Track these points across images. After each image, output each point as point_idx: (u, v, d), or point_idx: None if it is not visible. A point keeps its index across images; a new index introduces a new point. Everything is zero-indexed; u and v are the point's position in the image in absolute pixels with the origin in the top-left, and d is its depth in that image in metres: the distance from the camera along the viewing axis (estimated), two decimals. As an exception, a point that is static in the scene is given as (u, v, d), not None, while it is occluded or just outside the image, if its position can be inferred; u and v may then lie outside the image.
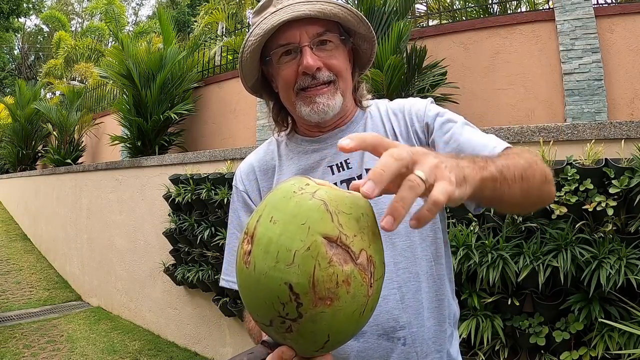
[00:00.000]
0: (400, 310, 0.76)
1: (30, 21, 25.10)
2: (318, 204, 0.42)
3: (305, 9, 0.75)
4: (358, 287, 0.42)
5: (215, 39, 6.51)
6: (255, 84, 0.88)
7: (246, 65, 0.82)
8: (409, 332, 0.76)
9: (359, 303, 0.43)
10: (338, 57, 0.81)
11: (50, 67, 13.91)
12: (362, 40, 0.85)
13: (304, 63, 0.76)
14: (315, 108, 0.79)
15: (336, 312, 0.41)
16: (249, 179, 0.91)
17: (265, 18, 0.78)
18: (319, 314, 0.41)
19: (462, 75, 3.56)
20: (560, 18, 3.23)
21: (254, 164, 0.92)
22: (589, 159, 1.83)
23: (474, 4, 4.53)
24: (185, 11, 19.12)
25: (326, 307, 0.41)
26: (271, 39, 0.79)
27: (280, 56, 0.79)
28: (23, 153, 8.68)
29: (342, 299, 0.41)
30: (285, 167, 0.88)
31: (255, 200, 0.89)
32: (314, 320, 0.41)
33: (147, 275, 4.18)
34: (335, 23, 0.80)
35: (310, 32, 0.77)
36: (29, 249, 6.97)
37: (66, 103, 7.73)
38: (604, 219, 1.78)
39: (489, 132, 2.21)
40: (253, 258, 0.43)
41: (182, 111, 5.05)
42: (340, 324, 0.43)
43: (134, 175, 4.44)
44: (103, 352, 3.50)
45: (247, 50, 0.80)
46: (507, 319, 1.97)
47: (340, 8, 0.78)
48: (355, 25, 0.82)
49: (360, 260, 0.42)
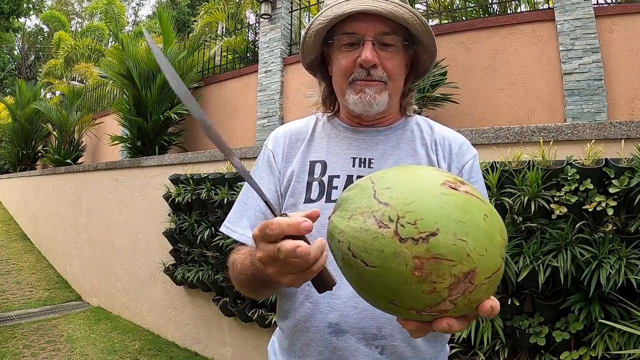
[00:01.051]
0: (385, 319, 0.75)
1: (30, 21, 25.13)
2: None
3: (378, 5, 0.77)
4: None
5: (215, 39, 6.51)
6: (312, 62, 0.90)
7: (309, 43, 0.84)
8: (389, 342, 0.75)
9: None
10: (395, 60, 0.82)
11: (50, 67, 13.90)
12: (423, 50, 0.86)
13: (363, 56, 0.77)
14: (363, 98, 0.80)
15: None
16: (279, 142, 0.91)
17: (339, 3, 0.79)
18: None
19: (462, 75, 3.56)
20: (560, 18, 3.23)
21: (290, 131, 0.93)
22: (589, 159, 1.82)
23: (474, 4, 4.54)
24: (185, 11, 19.12)
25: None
26: (338, 24, 0.81)
27: (343, 44, 0.81)
28: (23, 153, 8.68)
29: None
30: (314, 143, 0.89)
31: (278, 163, 0.89)
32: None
33: (147, 275, 4.18)
34: (402, 27, 0.81)
35: (377, 29, 0.79)
36: (29, 249, 6.96)
37: (66, 103, 7.74)
38: (604, 219, 1.78)
39: (489, 132, 2.22)
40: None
41: (182, 111, 5.05)
42: None
43: (134, 175, 4.44)
44: (103, 352, 3.50)
45: (313, 28, 0.82)
46: (507, 319, 1.97)
47: (411, 14, 0.79)
48: (421, 34, 0.82)
49: None
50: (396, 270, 0.42)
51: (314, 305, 0.78)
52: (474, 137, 2.24)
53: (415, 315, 0.45)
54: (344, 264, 0.47)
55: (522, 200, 1.86)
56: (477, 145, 2.22)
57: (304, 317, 0.78)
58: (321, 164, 0.85)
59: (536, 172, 1.84)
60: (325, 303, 0.77)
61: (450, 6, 4.74)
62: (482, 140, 2.21)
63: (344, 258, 0.45)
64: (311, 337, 0.77)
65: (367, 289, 0.44)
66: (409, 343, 0.76)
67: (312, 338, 0.77)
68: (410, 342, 0.76)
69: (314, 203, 0.81)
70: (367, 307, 0.74)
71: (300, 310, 0.79)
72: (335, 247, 0.48)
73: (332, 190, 0.82)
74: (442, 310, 0.44)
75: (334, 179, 0.82)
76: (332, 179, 0.83)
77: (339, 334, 0.75)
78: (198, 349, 3.57)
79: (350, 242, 0.45)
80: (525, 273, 1.81)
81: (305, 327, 0.78)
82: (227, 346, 3.34)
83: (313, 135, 0.91)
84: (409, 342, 0.76)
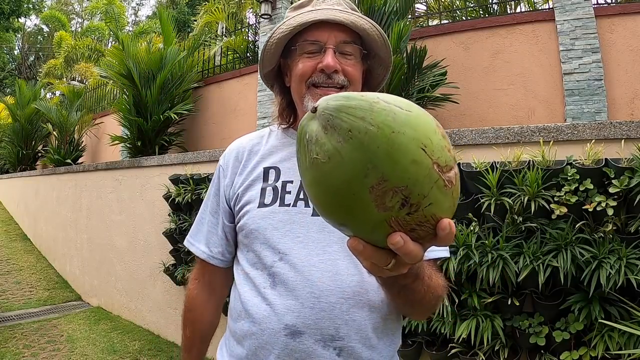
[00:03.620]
0: (343, 321, 0.75)
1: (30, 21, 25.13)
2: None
3: (341, 16, 0.81)
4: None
5: (215, 38, 6.51)
6: (269, 73, 0.92)
7: (269, 51, 0.86)
8: (346, 344, 0.75)
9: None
10: (355, 67, 0.84)
11: (50, 67, 13.92)
12: (378, 64, 0.90)
13: (325, 62, 0.80)
14: None
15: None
16: (231, 157, 0.94)
17: (301, 14, 0.83)
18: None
19: (462, 75, 3.56)
20: (560, 18, 3.23)
21: (242, 143, 0.95)
22: (589, 159, 1.82)
23: (474, 4, 4.54)
24: (185, 11, 19.12)
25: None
26: (300, 34, 0.83)
27: (305, 51, 0.83)
28: (23, 153, 8.68)
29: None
30: (268, 152, 0.91)
31: (227, 177, 0.92)
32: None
33: (147, 275, 4.18)
34: (360, 38, 0.84)
35: (339, 37, 0.82)
36: (29, 249, 6.96)
37: (66, 103, 7.74)
38: (604, 219, 1.78)
39: (489, 132, 2.23)
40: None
41: (182, 111, 5.05)
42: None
43: (134, 175, 4.44)
44: (103, 352, 3.50)
45: (275, 37, 0.84)
46: (507, 319, 1.97)
47: (371, 26, 0.83)
48: (379, 47, 0.85)
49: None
50: (427, 117, 0.44)
51: (270, 307, 0.77)
52: (474, 137, 2.24)
53: (430, 173, 0.42)
54: (371, 112, 0.42)
55: (522, 200, 1.86)
56: (477, 145, 2.22)
57: (258, 319, 0.77)
58: (275, 170, 0.87)
59: (536, 172, 1.84)
60: (282, 305, 0.76)
61: (450, 6, 4.74)
62: (482, 140, 2.21)
63: (372, 107, 0.42)
64: (267, 340, 0.76)
65: (402, 131, 0.41)
66: (365, 344, 0.76)
67: (268, 341, 0.76)
68: (366, 342, 0.76)
69: (268, 207, 0.82)
70: (324, 307, 0.74)
71: (256, 312, 0.78)
72: (344, 109, 0.43)
73: (286, 195, 0.83)
74: (450, 179, 0.43)
75: (288, 184, 0.84)
76: (286, 184, 0.84)
77: (296, 336, 0.74)
78: (198, 349, 3.57)
79: (378, 95, 0.44)
80: (525, 273, 1.81)
81: (260, 329, 0.77)
82: (227, 346, 3.34)
83: (267, 146, 0.92)
84: (365, 342, 0.76)
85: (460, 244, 1.96)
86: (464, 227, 2.03)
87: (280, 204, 0.82)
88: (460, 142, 2.27)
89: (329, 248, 0.78)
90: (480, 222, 2.06)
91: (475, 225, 2.03)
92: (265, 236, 0.80)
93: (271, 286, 0.78)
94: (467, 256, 1.93)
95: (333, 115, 0.42)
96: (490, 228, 2.03)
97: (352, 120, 0.41)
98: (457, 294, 2.01)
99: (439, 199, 0.43)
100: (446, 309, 1.97)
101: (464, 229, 2.01)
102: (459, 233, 1.99)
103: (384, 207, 0.41)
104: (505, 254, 1.87)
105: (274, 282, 0.78)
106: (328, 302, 0.74)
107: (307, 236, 0.79)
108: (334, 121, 0.42)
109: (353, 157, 0.41)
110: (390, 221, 0.42)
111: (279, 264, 0.78)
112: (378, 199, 0.41)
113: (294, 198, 0.82)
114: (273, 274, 0.78)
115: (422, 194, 0.41)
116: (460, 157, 2.19)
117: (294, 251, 0.78)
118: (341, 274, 0.76)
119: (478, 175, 2.01)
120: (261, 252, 0.81)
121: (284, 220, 0.80)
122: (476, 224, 2.04)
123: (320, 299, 0.74)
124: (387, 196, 0.41)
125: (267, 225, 0.81)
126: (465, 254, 1.93)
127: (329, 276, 0.75)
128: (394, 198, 0.41)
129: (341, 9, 0.84)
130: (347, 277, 0.76)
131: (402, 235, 0.42)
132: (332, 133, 0.42)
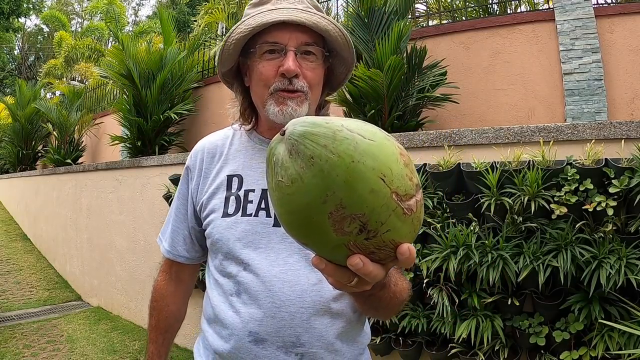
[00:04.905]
0: (303, 329, 0.77)
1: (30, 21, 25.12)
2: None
3: (302, 16, 0.78)
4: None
5: (215, 39, 6.51)
6: (227, 73, 0.90)
7: (228, 51, 0.84)
8: (307, 350, 0.78)
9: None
10: (317, 70, 0.83)
11: (50, 67, 13.92)
12: (340, 63, 0.88)
13: (286, 66, 0.78)
14: (284, 110, 0.80)
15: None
16: (197, 158, 0.94)
17: (261, 13, 0.80)
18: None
19: (462, 75, 3.56)
20: (560, 18, 3.23)
21: (206, 146, 0.95)
22: (589, 159, 1.82)
23: (474, 4, 4.53)
24: (185, 11, 19.13)
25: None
26: (260, 34, 0.80)
27: (264, 52, 0.81)
28: (23, 153, 8.67)
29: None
30: (231, 157, 0.91)
31: (194, 179, 0.93)
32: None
33: (147, 275, 4.17)
34: (322, 38, 0.83)
35: (300, 39, 0.80)
36: (29, 249, 6.96)
37: (66, 103, 7.73)
38: (604, 219, 1.78)
39: (489, 132, 2.23)
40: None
41: (182, 111, 5.05)
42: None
43: (134, 175, 4.44)
44: (103, 352, 3.50)
45: (234, 36, 0.82)
46: (507, 319, 1.97)
47: (334, 27, 0.81)
48: (341, 47, 0.84)
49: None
50: (389, 147, 0.45)
51: (236, 314, 0.80)
52: (474, 137, 2.23)
53: (388, 202, 0.43)
54: (333, 140, 0.43)
55: (522, 200, 1.86)
56: (477, 145, 2.22)
57: (227, 325, 0.81)
58: (238, 178, 0.87)
59: (536, 172, 1.84)
60: (247, 313, 0.79)
61: (450, 6, 4.74)
62: (482, 140, 2.21)
63: (336, 135, 0.43)
64: (234, 345, 0.80)
65: (362, 161, 0.42)
66: (327, 349, 0.79)
67: (235, 345, 0.79)
68: (329, 347, 0.79)
69: (231, 217, 0.84)
70: (284, 317, 0.77)
71: (224, 318, 0.82)
72: (309, 136, 0.44)
73: (248, 204, 0.84)
74: (410, 207, 0.45)
75: (250, 193, 0.85)
76: (248, 193, 0.85)
77: (259, 343, 0.78)
78: (198, 349, 3.58)
79: (342, 122, 0.45)
80: (525, 273, 1.81)
81: (229, 334, 0.81)
82: (227, 346, 3.34)
83: (230, 149, 0.92)
84: (327, 348, 0.79)
85: (460, 244, 1.96)
86: (464, 227, 2.03)
87: (242, 214, 0.83)
88: (460, 142, 2.26)
89: (289, 259, 0.80)
90: (480, 222, 2.06)
91: (475, 225, 2.03)
92: (228, 246, 0.82)
93: (236, 294, 0.81)
94: (467, 256, 1.93)
95: (298, 142, 0.44)
96: (490, 228, 2.03)
97: (315, 148, 0.43)
98: (457, 294, 2.01)
99: (397, 226, 0.44)
100: (446, 309, 1.97)
101: (464, 229, 2.01)
102: (459, 233, 1.99)
103: (342, 231, 0.43)
104: (505, 254, 1.87)
105: (238, 290, 0.81)
106: (288, 311, 0.77)
107: (268, 247, 0.81)
108: (299, 147, 0.44)
109: (313, 183, 0.42)
110: (349, 244, 0.44)
111: (243, 274, 0.81)
112: (336, 224, 0.43)
113: (256, 207, 0.83)
114: (237, 282, 0.81)
115: (380, 221, 0.43)
116: (461, 157, 2.19)
117: (256, 262, 0.80)
118: (301, 284, 0.78)
119: (478, 175, 2.01)
120: (226, 261, 0.83)
121: (246, 230, 0.82)
122: (476, 224, 2.04)
123: (280, 309, 0.77)
124: (345, 222, 0.43)
125: (230, 236, 0.82)
126: (465, 254, 1.93)
127: (289, 286, 0.78)
128: (352, 224, 0.43)
129: (302, 7, 0.81)
130: (307, 286, 0.78)
131: (361, 257, 0.44)
132: (296, 158, 0.44)
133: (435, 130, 2.49)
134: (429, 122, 3.39)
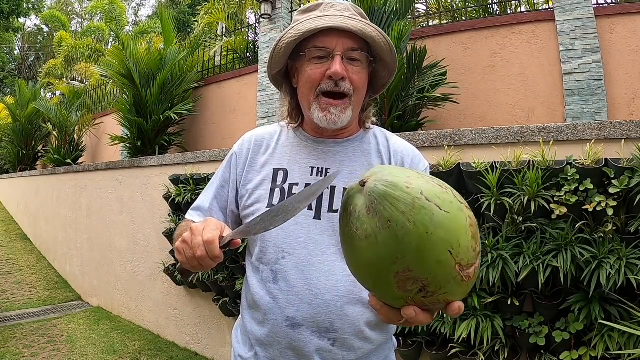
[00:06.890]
0: (337, 316, 0.83)
1: (30, 21, 25.11)
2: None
3: (349, 23, 0.83)
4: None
5: (215, 39, 6.51)
6: (277, 74, 0.95)
7: (278, 54, 0.89)
8: (340, 336, 0.84)
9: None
10: (361, 74, 0.88)
11: (50, 67, 13.91)
12: (383, 68, 0.93)
13: (333, 69, 0.83)
14: (328, 117, 0.87)
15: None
16: (244, 147, 1.00)
17: (311, 19, 0.86)
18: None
19: (462, 75, 3.56)
20: (560, 18, 3.23)
21: (254, 136, 1.01)
22: (589, 159, 1.82)
23: (474, 4, 4.53)
24: (185, 11, 19.12)
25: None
26: (309, 39, 0.86)
27: (313, 57, 0.86)
28: (23, 153, 8.67)
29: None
30: (278, 151, 0.97)
31: (240, 165, 0.98)
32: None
33: (147, 275, 4.18)
34: (367, 44, 0.87)
35: (346, 44, 0.85)
36: (29, 249, 6.96)
37: (66, 103, 7.73)
38: (604, 219, 1.78)
39: (489, 132, 2.22)
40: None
41: (182, 111, 5.05)
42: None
43: (134, 175, 4.44)
44: (103, 352, 3.50)
45: (285, 40, 0.88)
46: (507, 319, 1.97)
47: (378, 34, 0.86)
48: (384, 53, 0.89)
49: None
50: (462, 219, 0.49)
51: (274, 300, 0.86)
52: (474, 137, 2.23)
53: (451, 272, 0.48)
54: (412, 208, 0.47)
55: (522, 200, 1.86)
56: (477, 145, 2.22)
57: (264, 311, 0.87)
58: (283, 172, 0.93)
59: (536, 172, 1.84)
60: (284, 299, 0.85)
61: (450, 6, 4.74)
62: (482, 140, 2.21)
63: (414, 202, 0.47)
64: (271, 329, 0.86)
65: (434, 233, 0.46)
66: (358, 336, 0.85)
67: (272, 330, 0.86)
68: (359, 334, 0.85)
69: None
70: (320, 304, 0.83)
71: (262, 304, 0.88)
72: (389, 199, 0.49)
73: None
74: (469, 275, 0.49)
75: (294, 187, 0.90)
76: (292, 187, 0.90)
77: (295, 327, 0.84)
78: (198, 349, 3.57)
79: (422, 189, 0.48)
80: (525, 273, 1.81)
81: (267, 319, 0.87)
82: (227, 346, 3.34)
83: (278, 144, 0.98)
84: (358, 335, 0.85)
85: (460, 244, 1.96)
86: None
87: None
88: (460, 142, 2.27)
89: (327, 250, 0.85)
90: (480, 222, 2.06)
91: (475, 225, 2.03)
92: (271, 235, 0.88)
93: (274, 281, 0.87)
94: (467, 256, 1.93)
95: (378, 201, 0.48)
96: (490, 228, 2.03)
97: (392, 212, 0.47)
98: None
99: (454, 290, 0.49)
100: (446, 309, 1.97)
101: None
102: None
103: (404, 289, 0.49)
104: (505, 254, 1.87)
105: (276, 277, 0.87)
106: (324, 299, 0.83)
107: (308, 238, 0.86)
108: (377, 207, 0.48)
109: (387, 244, 0.47)
110: (407, 299, 0.50)
111: (282, 262, 0.86)
112: (400, 282, 0.48)
113: None
114: (276, 270, 0.87)
115: (439, 286, 0.48)
116: (461, 157, 2.19)
117: (296, 251, 0.86)
118: (337, 274, 0.84)
119: (478, 175, 2.01)
120: (267, 249, 0.89)
121: (289, 221, 0.83)
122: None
123: (317, 296, 0.83)
124: (409, 282, 0.48)
125: None
126: (465, 254, 1.93)
127: (325, 276, 0.84)
128: (414, 285, 0.48)
129: (349, 15, 0.86)
130: (343, 277, 0.84)
131: (415, 309, 0.51)
132: (374, 216, 0.48)
133: (435, 130, 2.49)
134: (429, 122, 3.39)
